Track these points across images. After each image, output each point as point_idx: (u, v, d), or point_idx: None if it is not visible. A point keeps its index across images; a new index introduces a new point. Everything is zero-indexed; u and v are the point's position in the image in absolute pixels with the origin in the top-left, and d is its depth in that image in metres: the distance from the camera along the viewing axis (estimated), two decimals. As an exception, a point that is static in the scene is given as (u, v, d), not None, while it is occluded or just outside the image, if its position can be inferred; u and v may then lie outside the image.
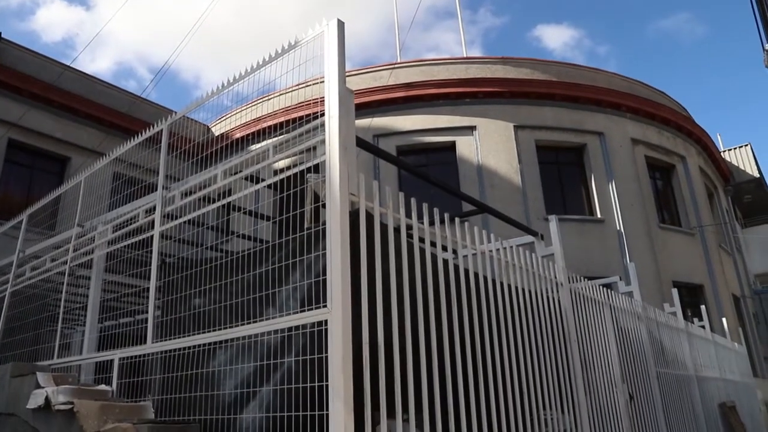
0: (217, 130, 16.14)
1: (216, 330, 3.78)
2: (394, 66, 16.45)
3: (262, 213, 4.77)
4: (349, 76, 15.13)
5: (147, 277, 4.54)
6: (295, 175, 3.55)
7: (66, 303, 5.55)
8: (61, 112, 14.65)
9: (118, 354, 4.52)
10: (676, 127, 18.36)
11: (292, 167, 3.56)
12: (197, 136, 4.62)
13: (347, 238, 3.12)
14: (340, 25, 3.50)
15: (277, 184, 3.71)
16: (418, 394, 3.37)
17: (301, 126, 3.62)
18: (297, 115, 3.71)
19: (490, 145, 15.49)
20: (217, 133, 15.31)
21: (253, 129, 13.08)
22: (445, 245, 4.25)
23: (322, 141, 3.35)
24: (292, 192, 3.57)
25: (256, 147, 3.94)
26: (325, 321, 3.02)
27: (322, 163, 3.31)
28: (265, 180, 3.87)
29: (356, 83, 15.45)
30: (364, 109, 15.04)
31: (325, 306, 3.05)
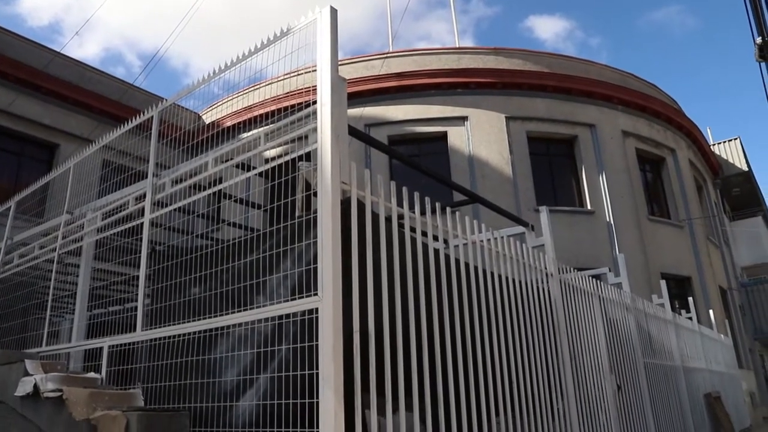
0: (208, 118, 16.04)
1: (206, 318, 3.77)
2: (387, 55, 16.39)
3: (253, 201, 4.76)
4: (342, 65, 15.03)
5: (137, 265, 4.52)
6: (287, 163, 3.54)
7: (55, 291, 5.51)
8: (50, 99, 14.49)
9: (107, 342, 4.51)
10: (667, 120, 18.43)
11: (284, 155, 3.55)
12: (188, 123, 4.58)
13: (338, 227, 3.12)
14: (333, 12, 3.48)
15: (268, 172, 3.69)
16: (408, 381, 3.39)
17: (293, 114, 3.60)
18: (289, 103, 3.69)
19: (482, 136, 15.48)
20: (208, 122, 15.22)
21: (245, 117, 12.99)
22: (436, 235, 4.25)
23: (314, 129, 3.33)
24: (283, 180, 3.56)
25: (247, 135, 3.92)
26: (316, 309, 3.02)
27: (314, 152, 3.30)
28: (256, 168, 3.85)
29: (348, 72, 15.36)
30: (357, 98, 14.99)
31: (315, 294, 3.05)
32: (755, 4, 6.36)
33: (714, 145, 23.32)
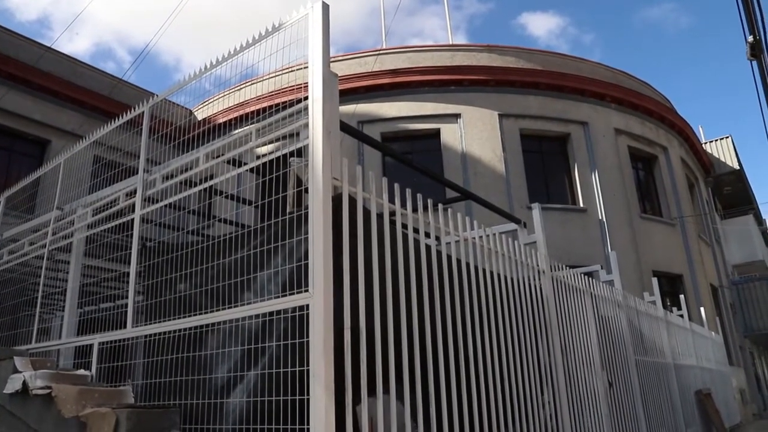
0: (200, 114, 15.98)
1: (197, 314, 3.75)
2: (380, 52, 16.36)
3: (244, 197, 4.74)
4: (335, 62, 15.03)
5: (127, 261, 4.49)
6: (278, 159, 3.53)
7: (45, 287, 5.48)
8: (41, 94, 14.36)
9: (97, 338, 4.48)
10: (659, 119, 18.50)
11: (275, 151, 3.53)
12: (179, 119, 4.55)
13: (330, 223, 3.11)
14: (325, 7, 3.46)
15: (259, 168, 3.67)
16: (399, 377, 3.38)
17: (285, 110, 3.59)
18: (281, 100, 3.68)
19: (475, 133, 15.49)
20: (200, 118, 15.15)
21: (237, 114, 12.96)
22: (428, 231, 4.25)
23: (306, 125, 3.32)
24: (274, 176, 3.54)
25: (238, 131, 3.90)
26: (307, 306, 3.01)
27: (305, 148, 3.29)
28: (247, 164, 3.84)
29: (342, 69, 15.34)
30: (350, 95, 14.96)
31: (306, 291, 3.04)
32: (747, 3, 6.38)
33: (706, 143, 23.43)
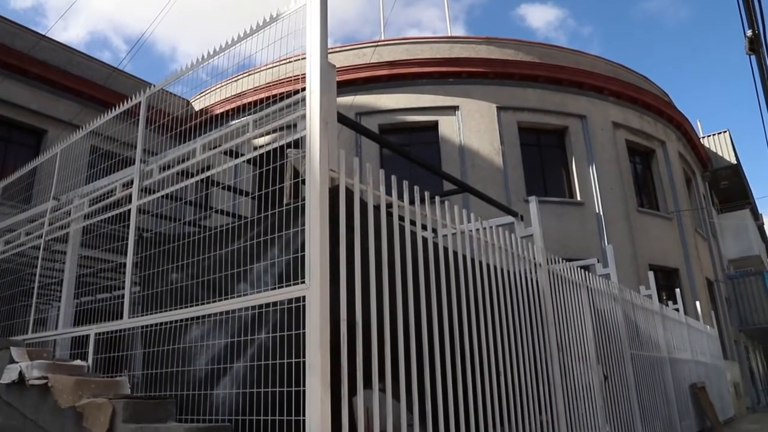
0: (198, 105, 15.92)
1: (194, 305, 3.75)
2: (378, 43, 16.30)
3: (241, 188, 4.73)
4: (333, 53, 14.96)
5: (124, 252, 4.48)
6: (275, 151, 3.51)
7: (41, 278, 5.47)
8: (37, 84, 14.28)
9: (94, 329, 4.48)
10: (657, 113, 18.49)
11: (273, 142, 3.52)
12: (176, 109, 4.53)
13: (326, 215, 3.11)
14: (323, -3, 3.44)
15: (256, 159, 3.66)
16: (395, 369, 3.39)
17: (282, 101, 3.57)
18: (278, 91, 3.66)
19: (473, 126, 15.47)
20: (197, 109, 15.10)
21: (234, 105, 12.91)
22: (425, 224, 4.25)
23: (303, 116, 3.31)
24: (271, 167, 3.53)
25: (235, 122, 3.88)
26: (303, 297, 3.01)
27: (302, 139, 3.28)
28: (244, 155, 3.82)
29: (339, 60, 15.27)
30: (347, 86, 14.90)
31: (303, 282, 3.04)
32: (746, -3, 6.36)
33: (703, 137, 23.45)
